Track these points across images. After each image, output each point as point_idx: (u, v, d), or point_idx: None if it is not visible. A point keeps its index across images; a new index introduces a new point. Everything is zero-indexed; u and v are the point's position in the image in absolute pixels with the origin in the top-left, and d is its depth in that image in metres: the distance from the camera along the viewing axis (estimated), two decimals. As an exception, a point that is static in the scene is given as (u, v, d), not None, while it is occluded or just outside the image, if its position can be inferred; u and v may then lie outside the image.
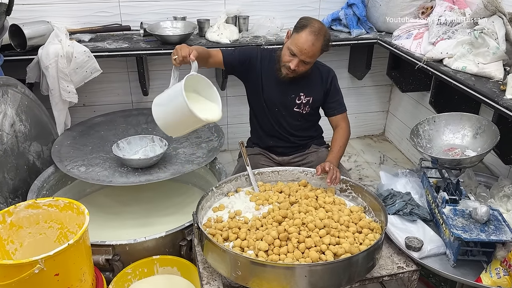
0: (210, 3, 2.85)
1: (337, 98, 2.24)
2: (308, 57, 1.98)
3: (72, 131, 2.61)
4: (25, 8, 2.54)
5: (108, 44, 2.59)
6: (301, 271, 1.46)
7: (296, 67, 2.00)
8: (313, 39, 1.95)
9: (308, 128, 2.30)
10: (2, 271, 1.42)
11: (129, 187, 2.50)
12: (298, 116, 2.21)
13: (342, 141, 2.18)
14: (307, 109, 2.20)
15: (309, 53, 1.97)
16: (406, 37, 2.60)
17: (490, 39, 2.10)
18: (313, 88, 2.18)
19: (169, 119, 1.72)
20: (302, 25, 1.99)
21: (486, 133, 2.00)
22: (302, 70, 2.04)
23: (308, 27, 1.96)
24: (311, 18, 2.03)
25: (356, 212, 1.79)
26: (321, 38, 1.98)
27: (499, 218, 1.73)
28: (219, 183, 1.91)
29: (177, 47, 1.78)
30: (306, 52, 1.96)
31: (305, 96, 2.17)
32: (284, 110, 2.20)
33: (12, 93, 2.20)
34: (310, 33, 1.95)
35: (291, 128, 2.25)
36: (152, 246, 1.93)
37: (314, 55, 2.00)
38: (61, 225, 1.73)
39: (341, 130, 2.22)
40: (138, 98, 3.01)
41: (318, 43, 1.97)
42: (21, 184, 2.18)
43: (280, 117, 2.21)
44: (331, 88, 2.20)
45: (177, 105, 1.63)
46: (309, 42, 1.95)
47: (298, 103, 2.18)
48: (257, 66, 2.14)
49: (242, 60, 2.12)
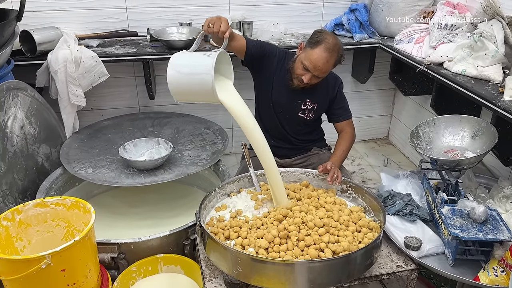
0: (215, 9, 2.91)
1: (343, 105, 2.28)
2: (321, 73, 2.02)
3: (80, 134, 2.68)
4: (35, 15, 2.62)
5: (115, 49, 2.66)
6: (300, 267, 1.50)
7: (309, 81, 2.03)
8: (327, 56, 1.96)
9: (310, 132, 2.34)
10: (11, 266, 1.48)
11: (135, 189, 2.55)
12: (301, 121, 2.25)
13: (346, 145, 2.22)
14: (311, 115, 2.24)
15: (322, 70, 2.00)
16: (408, 41, 2.64)
17: (489, 42, 2.13)
18: (319, 96, 2.21)
19: (185, 87, 1.68)
20: (316, 40, 1.99)
21: (485, 135, 2.02)
22: (314, 82, 2.07)
23: (323, 43, 1.96)
24: (325, 33, 2.04)
25: (356, 212, 1.82)
26: (335, 54, 1.99)
27: (497, 217, 1.76)
28: (222, 184, 1.95)
29: (216, 18, 1.76)
30: (320, 68, 1.99)
31: (310, 102, 2.21)
32: (288, 113, 2.24)
33: (22, 96, 2.27)
34: (324, 50, 1.96)
35: (293, 132, 2.29)
36: (157, 245, 1.97)
37: (327, 70, 2.03)
38: (68, 223, 1.78)
39: (346, 134, 2.25)
40: (145, 102, 3.08)
41: (332, 59, 1.99)
42: (30, 185, 2.24)
43: (283, 120, 2.26)
44: (337, 95, 2.24)
45: (201, 79, 1.60)
46: (323, 59, 1.96)
47: (303, 109, 2.22)
48: (273, 65, 2.16)
49: (263, 52, 2.13)
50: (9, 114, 2.14)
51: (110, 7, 2.77)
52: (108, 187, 2.60)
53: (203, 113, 2.98)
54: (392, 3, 2.77)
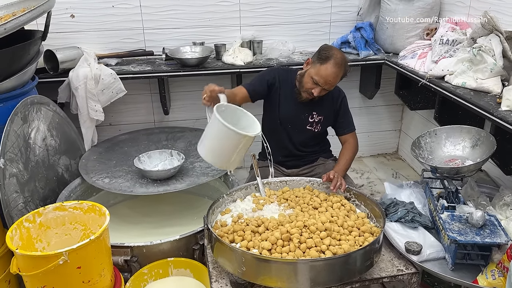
0: (227, 29, 3.06)
1: (347, 118, 2.37)
2: (331, 87, 2.16)
3: (98, 147, 2.82)
4: (58, 36, 2.81)
5: (132, 68, 2.82)
6: (301, 266, 1.58)
7: (318, 94, 2.16)
8: (337, 71, 2.10)
9: (316, 144, 2.43)
10: (31, 262, 1.59)
11: (148, 199, 2.67)
12: (310, 133, 2.35)
13: (350, 155, 2.31)
14: (318, 127, 2.34)
15: (332, 83, 2.14)
16: (411, 57, 2.73)
17: (488, 56, 2.21)
18: (325, 108, 2.32)
19: (216, 149, 1.79)
20: (326, 56, 2.12)
21: (484, 144, 2.08)
22: (322, 94, 2.20)
23: (332, 59, 2.09)
24: (332, 48, 2.17)
25: (362, 218, 1.88)
26: (343, 68, 2.14)
27: (495, 223, 1.81)
28: (229, 191, 2.05)
29: (205, 87, 1.89)
30: (330, 83, 2.13)
31: (317, 115, 2.31)
32: (297, 127, 2.34)
33: (45, 110, 2.43)
34: (334, 65, 2.09)
35: (301, 144, 2.38)
36: (167, 248, 2.07)
37: (335, 84, 2.17)
38: (85, 226, 1.90)
39: (349, 145, 2.35)
40: (160, 117, 3.22)
41: (341, 73, 2.14)
42: (50, 194, 2.38)
43: (292, 134, 2.35)
44: (341, 108, 2.34)
45: (218, 132, 1.71)
46: (334, 74, 2.10)
47: (311, 122, 2.32)
48: (276, 86, 2.30)
49: (263, 86, 2.27)
50: (33, 127, 2.29)
51: (128, 28, 2.95)
52: (123, 197, 2.73)
53: (215, 128, 3.10)
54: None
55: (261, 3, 3.02)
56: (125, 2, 2.87)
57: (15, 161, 2.13)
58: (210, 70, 2.82)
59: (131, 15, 2.91)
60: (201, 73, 2.82)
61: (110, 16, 2.88)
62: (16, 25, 2.06)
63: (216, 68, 2.84)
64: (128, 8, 2.88)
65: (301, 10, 3.09)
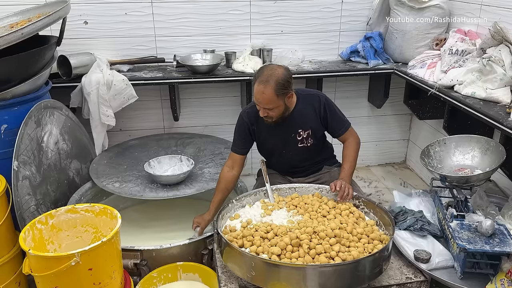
0: (237, 37, 3.10)
1: (337, 118, 2.28)
2: (266, 104, 2.06)
3: (109, 152, 2.85)
4: (72, 42, 2.85)
5: (144, 74, 2.86)
6: (310, 271, 1.59)
7: (265, 115, 2.10)
8: (261, 88, 2.02)
9: (317, 153, 2.37)
10: (44, 263, 1.61)
11: (158, 204, 2.69)
12: (305, 150, 2.30)
13: (352, 155, 2.25)
14: (310, 141, 2.28)
15: (263, 101, 2.05)
16: (420, 67, 2.75)
17: (497, 66, 2.22)
18: (308, 121, 2.25)
19: None
20: (254, 78, 2.09)
21: (494, 154, 2.09)
22: (276, 114, 2.11)
23: (257, 78, 2.05)
24: (263, 67, 2.13)
25: (371, 226, 1.89)
26: (271, 84, 2.02)
27: (505, 232, 1.81)
28: (239, 196, 2.07)
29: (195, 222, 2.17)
30: (260, 101, 2.07)
31: (303, 130, 2.25)
32: (290, 150, 2.29)
33: (58, 115, 2.47)
34: (258, 83, 2.04)
35: (301, 161, 2.35)
36: (177, 253, 2.08)
37: (270, 101, 2.05)
38: (96, 229, 1.92)
39: (349, 145, 2.28)
40: (170, 123, 3.25)
41: (268, 89, 2.02)
42: (61, 197, 2.40)
43: (289, 157, 2.32)
44: (327, 113, 2.25)
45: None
46: (259, 92, 2.04)
47: (300, 139, 2.27)
48: (251, 129, 2.27)
49: (245, 138, 2.27)
50: (46, 130, 2.33)
51: (140, 35, 2.99)
52: (133, 202, 2.75)
53: (224, 134, 3.12)
54: (406, 31, 2.90)
55: (271, 12, 3.06)
56: (137, 9, 2.91)
57: (28, 164, 2.16)
58: (220, 77, 2.85)
59: (143, 23, 2.95)
60: (212, 80, 2.85)
61: (123, 23, 2.93)
62: (33, 30, 2.11)
63: (226, 75, 2.87)
64: (140, 16, 2.93)
65: (311, 19, 3.12)
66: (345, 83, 3.33)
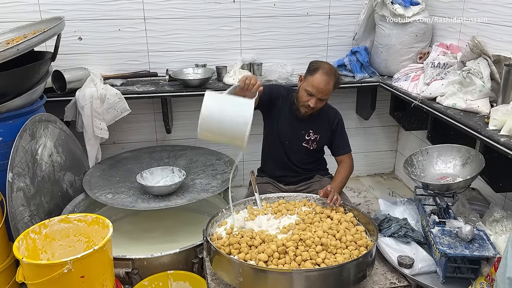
0: (228, 52, 3.18)
1: (343, 139, 2.48)
2: (324, 95, 2.26)
3: (102, 164, 2.90)
4: (66, 57, 2.92)
5: (137, 88, 2.93)
6: (296, 276, 1.64)
7: (315, 105, 2.27)
8: (327, 78, 2.23)
9: (313, 161, 2.52)
10: (37, 271, 1.65)
11: (150, 215, 2.74)
12: (305, 150, 2.44)
13: (345, 173, 2.41)
14: (314, 145, 2.44)
15: (325, 91, 2.25)
16: (405, 79, 2.84)
17: (476, 78, 2.31)
18: (321, 127, 2.43)
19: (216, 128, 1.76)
20: (314, 68, 2.27)
21: (474, 162, 2.17)
22: (319, 106, 2.30)
23: (320, 69, 2.25)
24: (320, 61, 2.33)
25: (360, 232, 1.94)
26: (333, 77, 2.26)
27: (484, 237, 1.88)
28: (228, 205, 2.12)
29: (249, 76, 1.96)
30: (322, 90, 2.24)
31: (314, 133, 2.42)
32: (294, 144, 2.43)
33: (52, 128, 2.52)
34: (323, 73, 2.23)
35: (297, 161, 2.47)
36: (167, 261, 2.13)
37: (329, 92, 2.27)
38: (88, 238, 1.96)
39: (345, 164, 2.45)
40: (162, 136, 3.31)
41: (332, 81, 2.25)
42: (55, 208, 2.45)
43: (289, 150, 2.45)
44: (338, 129, 2.45)
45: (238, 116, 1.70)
46: (324, 81, 2.23)
47: (307, 139, 2.42)
48: (279, 103, 2.42)
49: (271, 95, 2.39)
50: (40, 143, 2.38)
51: (133, 51, 3.07)
52: (125, 213, 2.80)
53: (215, 146, 3.19)
54: (391, 46, 3.00)
55: (261, 28, 3.15)
56: (131, 26, 2.99)
57: (23, 176, 2.21)
58: (211, 90, 2.92)
59: (136, 38, 3.03)
60: (203, 93, 2.89)
61: (117, 39, 3.00)
62: (28, 46, 2.18)
63: (217, 88, 2.95)
64: (133, 32, 3.01)
65: (299, 34, 3.22)
66: (333, 95, 3.32)
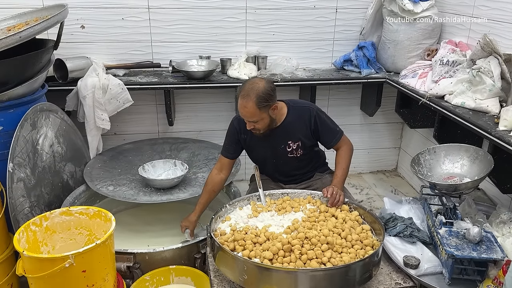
0: (232, 44, 3.13)
1: (329, 130, 2.29)
2: (249, 118, 2.11)
3: (103, 155, 2.87)
4: (69, 46, 2.87)
5: (140, 79, 2.88)
6: (301, 275, 1.61)
7: (251, 127, 2.15)
8: (243, 102, 2.07)
9: (309, 162, 2.39)
10: (38, 264, 1.62)
11: (151, 208, 2.71)
12: (294, 159, 2.33)
13: (345, 163, 2.27)
14: (300, 151, 2.31)
15: (246, 115, 2.10)
16: (412, 76, 2.80)
17: (487, 77, 2.27)
18: (298, 133, 2.27)
19: None
20: (237, 92, 2.14)
21: (482, 163, 2.14)
22: (261, 127, 2.15)
23: (240, 93, 2.09)
24: (245, 82, 2.18)
25: (366, 231, 1.91)
26: (252, 97, 2.05)
27: (492, 239, 1.85)
28: (232, 201, 2.09)
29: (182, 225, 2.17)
30: (244, 115, 2.11)
31: (293, 142, 2.28)
32: (280, 160, 2.33)
33: (53, 118, 2.48)
34: (241, 98, 2.08)
35: (292, 170, 2.38)
36: (169, 256, 2.10)
37: (252, 114, 2.09)
38: (90, 231, 1.93)
39: (342, 152, 2.30)
40: (164, 128, 3.27)
41: (250, 103, 2.06)
42: (55, 199, 2.41)
43: (279, 166, 2.36)
44: (318, 125, 2.27)
45: None
46: (241, 106, 2.08)
47: (290, 150, 2.30)
48: (241, 137, 2.31)
49: (235, 144, 2.31)
50: (41, 133, 2.34)
51: (136, 41, 3.02)
52: (126, 206, 2.77)
53: (218, 140, 3.15)
54: (398, 42, 2.96)
55: (267, 20, 3.10)
56: (134, 15, 2.94)
57: (23, 166, 2.17)
58: (215, 83, 2.89)
59: (140, 28, 2.98)
60: (207, 86, 2.88)
61: (120, 28, 2.95)
62: (31, 34, 2.13)
63: (221, 81, 2.91)
64: (137, 21, 2.96)
65: (305, 28, 3.17)
66: (338, 91, 3.38)
